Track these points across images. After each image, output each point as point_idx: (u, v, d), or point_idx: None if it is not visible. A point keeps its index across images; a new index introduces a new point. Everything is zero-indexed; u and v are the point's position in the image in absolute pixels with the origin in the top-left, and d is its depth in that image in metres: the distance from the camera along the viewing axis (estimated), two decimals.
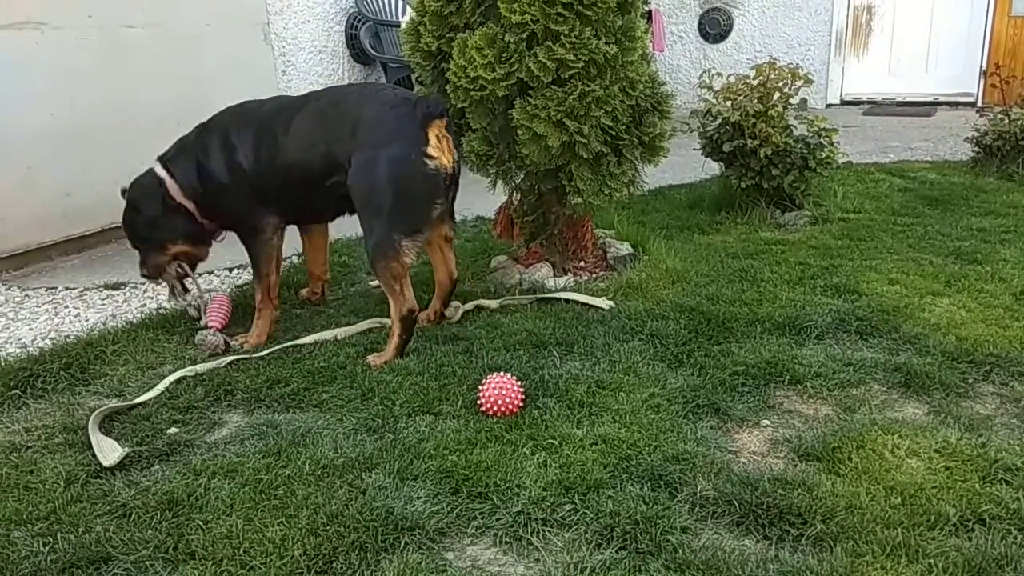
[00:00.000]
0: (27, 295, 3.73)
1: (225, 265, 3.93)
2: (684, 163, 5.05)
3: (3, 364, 2.77)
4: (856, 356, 2.69)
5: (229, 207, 3.02)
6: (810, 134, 4.34)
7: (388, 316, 3.09)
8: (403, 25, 3.37)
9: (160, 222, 3.04)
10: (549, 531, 1.87)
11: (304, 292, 3.49)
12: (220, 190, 2.98)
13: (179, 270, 3.17)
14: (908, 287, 3.26)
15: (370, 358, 2.77)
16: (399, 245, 2.69)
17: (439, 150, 2.69)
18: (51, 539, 1.86)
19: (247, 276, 3.79)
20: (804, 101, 5.16)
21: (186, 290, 3.21)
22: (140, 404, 2.51)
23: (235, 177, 2.94)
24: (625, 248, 3.69)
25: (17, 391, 2.60)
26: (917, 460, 2.08)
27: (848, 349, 2.76)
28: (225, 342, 2.95)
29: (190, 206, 3.03)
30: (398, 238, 2.70)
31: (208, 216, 3.08)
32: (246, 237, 3.06)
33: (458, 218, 4.24)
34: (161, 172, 3.03)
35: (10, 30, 3.88)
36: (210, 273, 3.88)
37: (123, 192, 3.09)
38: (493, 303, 3.25)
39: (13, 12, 3.91)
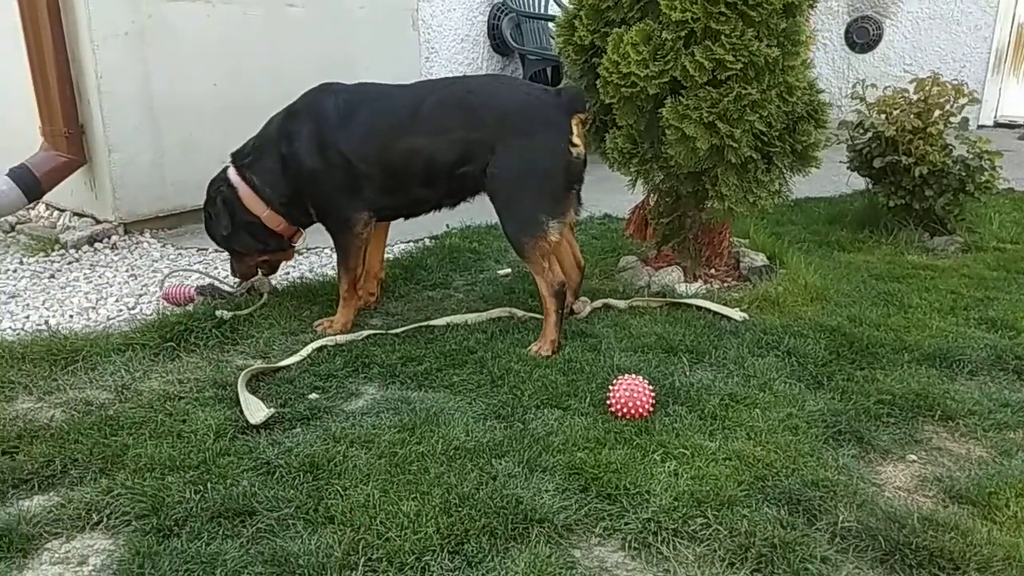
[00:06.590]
0: (180, 254, 3.96)
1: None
2: (824, 175, 4.77)
3: (160, 317, 2.96)
4: (1014, 397, 2.51)
5: (321, 196, 2.92)
6: (970, 156, 4.07)
7: (517, 307, 3.13)
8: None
9: (236, 235, 3.05)
10: (680, 542, 1.83)
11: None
12: (312, 177, 2.88)
13: (262, 271, 3.21)
14: None
15: (532, 349, 2.76)
16: (547, 225, 2.77)
17: (581, 138, 2.80)
18: (202, 488, 1.96)
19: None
20: (965, 120, 4.84)
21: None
22: (284, 368, 2.62)
23: (333, 162, 2.84)
24: (760, 259, 3.57)
25: (172, 343, 2.77)
26: None
27: (1005, 388, 2.58)
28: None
29: (266, 214, 2.98)
30: (545, 219, 2.77)
31: (290, 217, 3.02)
32: (336, 231, 2.98)
33: (586, 215, 4.24)
34: (235, 178, 3.00)
35: (186, 2, 4.12)
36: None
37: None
38: (622, 303, 3.21)
39: None
